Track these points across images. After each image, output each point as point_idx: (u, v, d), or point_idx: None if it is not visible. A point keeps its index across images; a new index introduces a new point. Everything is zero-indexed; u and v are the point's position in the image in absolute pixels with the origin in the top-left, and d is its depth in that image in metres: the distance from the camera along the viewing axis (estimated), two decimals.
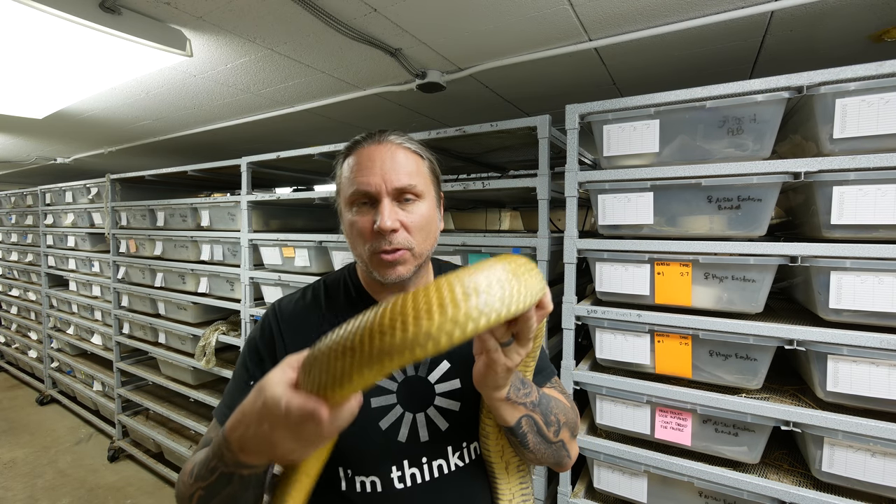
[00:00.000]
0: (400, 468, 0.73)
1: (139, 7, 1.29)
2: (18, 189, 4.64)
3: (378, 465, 0.73)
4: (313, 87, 1.94)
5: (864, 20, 1.31)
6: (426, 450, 0.75)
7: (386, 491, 0.72)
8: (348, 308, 0.82)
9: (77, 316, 3.89)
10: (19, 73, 1.68)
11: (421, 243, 0.75)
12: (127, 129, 2.71)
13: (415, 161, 0.76)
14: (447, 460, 0.76)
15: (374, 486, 0.73)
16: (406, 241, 0.73)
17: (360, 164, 0.74)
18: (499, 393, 0.65)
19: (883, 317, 1.02)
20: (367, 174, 0.72)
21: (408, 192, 0.73)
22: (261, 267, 2.34)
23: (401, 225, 0.72)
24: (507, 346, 0.59)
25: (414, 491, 0.73)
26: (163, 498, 2.85)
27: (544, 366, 0.86)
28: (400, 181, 0.72)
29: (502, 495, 0.78)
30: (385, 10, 1.29)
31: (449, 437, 0.77)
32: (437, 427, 0.77)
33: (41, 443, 3.53)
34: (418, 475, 0.74)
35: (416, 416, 0.76)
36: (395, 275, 0.73)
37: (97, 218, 3.45)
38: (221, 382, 2.89)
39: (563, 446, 0.76)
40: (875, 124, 1.00)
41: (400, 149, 0.75)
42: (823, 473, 1.09)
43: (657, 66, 1.67)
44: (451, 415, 0.78)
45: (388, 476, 0.73)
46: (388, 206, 0.71)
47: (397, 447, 0.74)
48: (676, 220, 1.24)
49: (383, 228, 0.70)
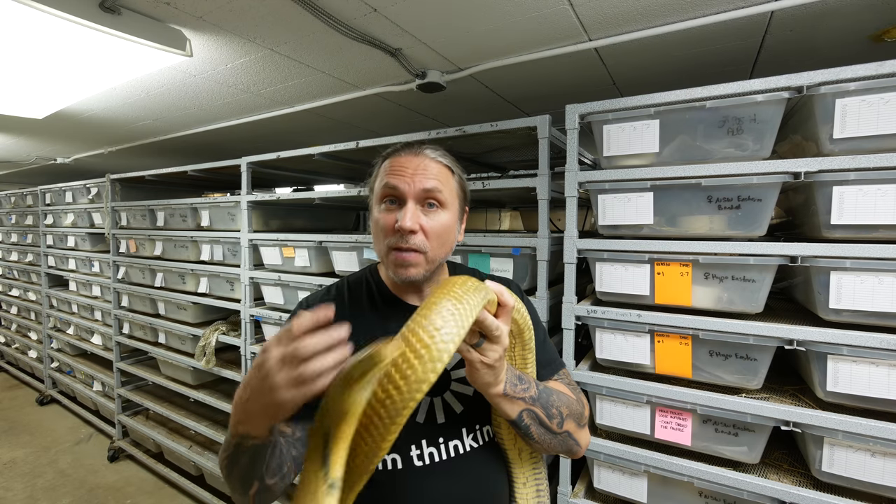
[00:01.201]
0: (419, 447, 0.79)
1: (139, 7, 1.29)
2: (18, 189, 4.64)
3: (399, 443, 0.78)
4: (313, 87, 1.94)
5: (864, 20, 1.31)
6: (443, 431, 0.81)
7: (406, 467, 0.78)
8: (371, 307, 0.87)
9: (77, 316, 3.89)
10: (19, 73, 1.68)
11: (436, 249, 0.80)
12: (127, 129, 2.71)
13: (445, 173, 0.82)
14: (462, 441, 0.81)
15: (395, 464, 0.78)
16: (422, 244, 0.78)
17: (394, 168, 0.81)
18: (493, 389, 0.70)
19: (883, 317, 1.02)
20: (398, 175, 0.79)
21: (432, 197, 0.79)
22: (261, 267, 2.34)
23: (420, 228, 0.77)
24: (480, 345, 0.66)
25: (432, 469, 0.78)
26: (163, 498, 2.85)
27: (551, 359, 0.92)
28: (426, 184, 0.78)
29: (517, 479, 0.85)
30: (385, 10, 1.29)
31: (463, 420, 0.82)
32: (453, 410, 0.83)
33: (41, 443, 3.53)
34: (436, 454, 0.79)
35: (433, 400, 0.82)
36: (405, 274, 0.79)
37: (97, 218, 3.45)
38: (221, 382, 2.89)
39: (570, 436, 0.80)
40: (875, 124, 1.00)
41: (433, 161, 0.82)
42: (823, 473, 1.09)
43: (657, 66, 1.67)
44: (465, 399, 0.84)
45: (407, 454, 0.78)
46: (411, 207, 0.78)
47: (416, 428, 0.79)
48: (676, 220, 1.24)
49: (403, 227, 0.75)
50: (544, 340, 0.93)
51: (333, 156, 2.02)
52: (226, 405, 2.54)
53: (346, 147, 1.89)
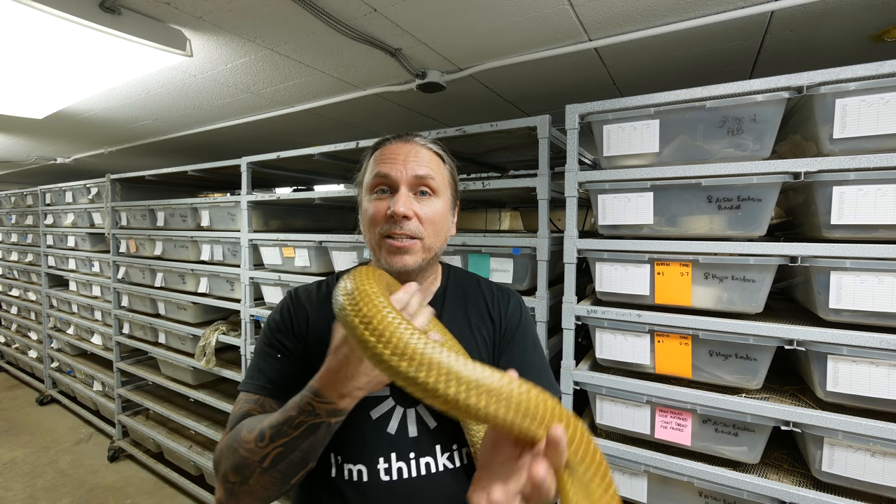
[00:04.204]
0: (387, 460, 0.74)
1: (139, 7, 1.29)
2: (18, 189, 4.64)
3: (365, 454, 0.74)
4: (313, 87, 1.94)
5: (864, 20, 1.31)
6: (414, 445, 0.75)
7: (371, 480, 0.73)
8: None
9: (77, 316, 3.89)
10: (19, 73, 1.68)
11: (431, 236, 0.77)
12: (127, 129, 2.71)
13: (437, 161, 0.81)
14: (435, 459, 0.76)
15: (361, 475, 0.74)
16: (417, 230, 0.75)
17: (385, 156, 0.79)
18: None
19: (883, 317, 1.02)
20: (389, 163, 0.77)
21: (425, 184, 0.77)
22: (261, 267, 2.34)
23: (414, 214, 0.75)
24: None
25: (399, 485, 0.73)
26: (163, 498, 2.85)
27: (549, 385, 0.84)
28: (419, 170, 0.77)
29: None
30: (385, 10, 1.29)
31: (437, 436, 0.77)
32: (426, 424, 0.77)
33: (41, 443, 3.53)
34: (405, 470, 0.74)
35: (406, 411, 0.77)
36: (401, 263, 0.75)
37: (97, 218, 3.45)
38: (221, 382, 2.89)
39: None
40: (875, 124, 1.00)
41: (424, 147, 0.80)
42: (823, 473, 1.09)
43: (657, 66, 1.67)
44: (438, 414, 0.77)
45: (374, 466, 0.74)
46: (404, 193, 0.75)
47: (386, 439, 0.75)
48: (676, 220, 1.24)
49: (397, 213, 0.73)
50: (541, 365, 0.86)
51: (333, 156, 2.02)
52: (226, 405, 2.54)
53: (346, 147, 1.89)
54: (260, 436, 0.64)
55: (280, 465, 0.63)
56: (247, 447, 0.65)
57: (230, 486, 0.66)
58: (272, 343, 0.81)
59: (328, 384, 0.61)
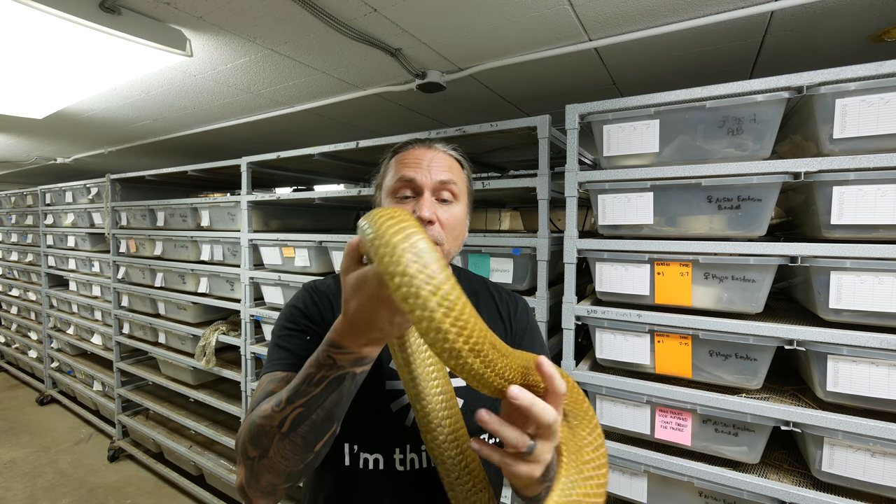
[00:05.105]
0: (403, 451, 0.77)
1: (139, 7, 1.29)
2: (18, 189, 4.64)
3: (383, 443, 0.77)
4: (313, 87, 1.94)
5: (864, 20, 1.31)
6: None
7: (387, 469, 0.77)
8: None
9: (77, 316, 3.89)
10: (19, 73, 1.68)
11: (451, 242, 0.80)
12: (127, 129, 2.72)
13: (457, 167, 0.84)
14: None
15: (377, 464, 0.77)
16: (440, 235, 0.77)
17: (408, 161, 0.81)
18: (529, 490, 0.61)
19: (883, 317, 1.02)
20: (414, 167, 0.79)
21: (447, 189, 0.79)
22: (261, 267, 2.34)
23: (437, 220, 0.77)
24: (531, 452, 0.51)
25: (412, 475, 0.77)
26: (163, 498, 2.85)
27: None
28: (442, 176, 0.79)
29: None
30: (385, 10, 1.29)
31: None
32: None
33: (41, 443, 3.53)
34: (416, 461, 0.77)
35: None
36: None
37: (97, 218, 3.45)
38: (221, 382, 2.89)
39: None
40: (875, 124, 1.00)
41: (446, 154, 0.83)
42: (823, 473, 1.09)
43: (657, 66, 1.67)
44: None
45: (391, 456, 0.77)
46: (429, 198, 0.77)
47: (402, 431, 0.78)
48: (676, 220, 1.24)
49: (422, 217, 0.75)
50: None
51: (333, 156, 2.02)
52: (226, 405, 2.54)
53: (346, 147, 1.89)
54: (277, 402, 0.62)
55: (301, 427, 0.60)
56: (264, 415, 0.62)
57: (250, 464, 0.63)
58: (299, 327, 0.81)
59: (346, 334, 0.58)
